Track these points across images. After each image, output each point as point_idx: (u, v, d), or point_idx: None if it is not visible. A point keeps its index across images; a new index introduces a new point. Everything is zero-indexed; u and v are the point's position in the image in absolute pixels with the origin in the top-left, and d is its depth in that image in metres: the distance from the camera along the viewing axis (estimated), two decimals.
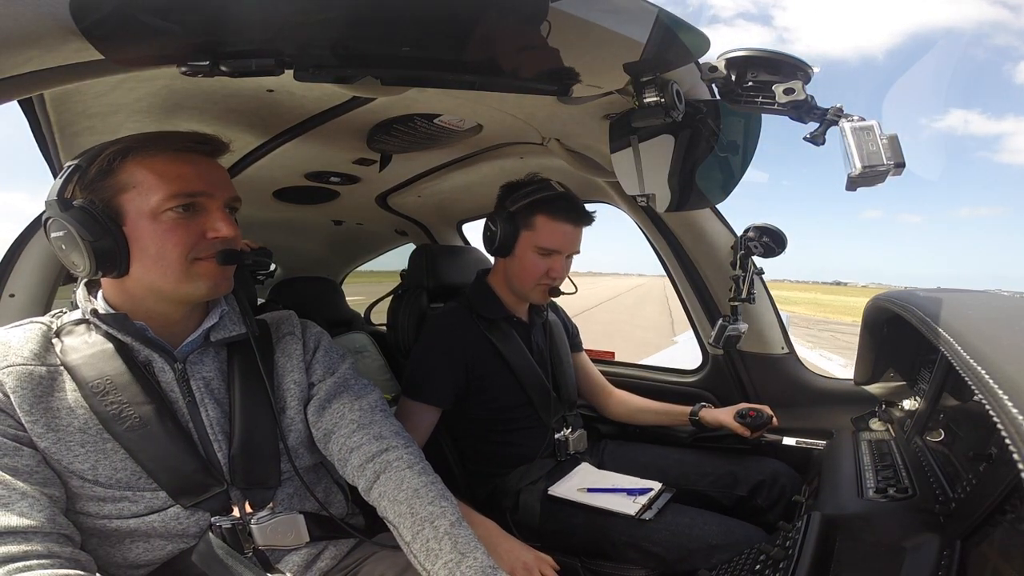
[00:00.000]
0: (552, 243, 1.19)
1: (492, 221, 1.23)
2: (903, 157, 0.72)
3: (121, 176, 0.70)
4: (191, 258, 0.73)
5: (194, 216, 0.73)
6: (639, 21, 0.67)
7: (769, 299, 1.51)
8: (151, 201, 0.70)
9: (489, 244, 1.25)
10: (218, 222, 0.74)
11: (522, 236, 1.20)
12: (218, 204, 0.75)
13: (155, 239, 0.71)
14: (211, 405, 0.77)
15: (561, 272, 1.24)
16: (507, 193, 1.24)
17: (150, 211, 0.70)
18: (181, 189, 0.71)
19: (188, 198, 0.72)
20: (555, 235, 1.19)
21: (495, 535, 0.97)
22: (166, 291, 0.74)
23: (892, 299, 1.03)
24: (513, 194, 1.22)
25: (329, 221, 2.05)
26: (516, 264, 1.23)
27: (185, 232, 0.72)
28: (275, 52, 0.62)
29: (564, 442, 1.31)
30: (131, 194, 0.70)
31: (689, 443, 1.48)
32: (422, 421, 1.18)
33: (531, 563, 0.91)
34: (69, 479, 0.67)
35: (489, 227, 1.24)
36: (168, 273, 0.72)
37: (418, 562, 0.69)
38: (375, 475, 0.77)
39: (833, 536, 0.76)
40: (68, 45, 0.58)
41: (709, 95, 0.93)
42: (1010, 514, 0.57)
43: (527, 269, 1.22)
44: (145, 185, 0.70)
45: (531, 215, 1.19)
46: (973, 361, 0.54)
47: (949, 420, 0.94)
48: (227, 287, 0.78)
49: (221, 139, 0.77)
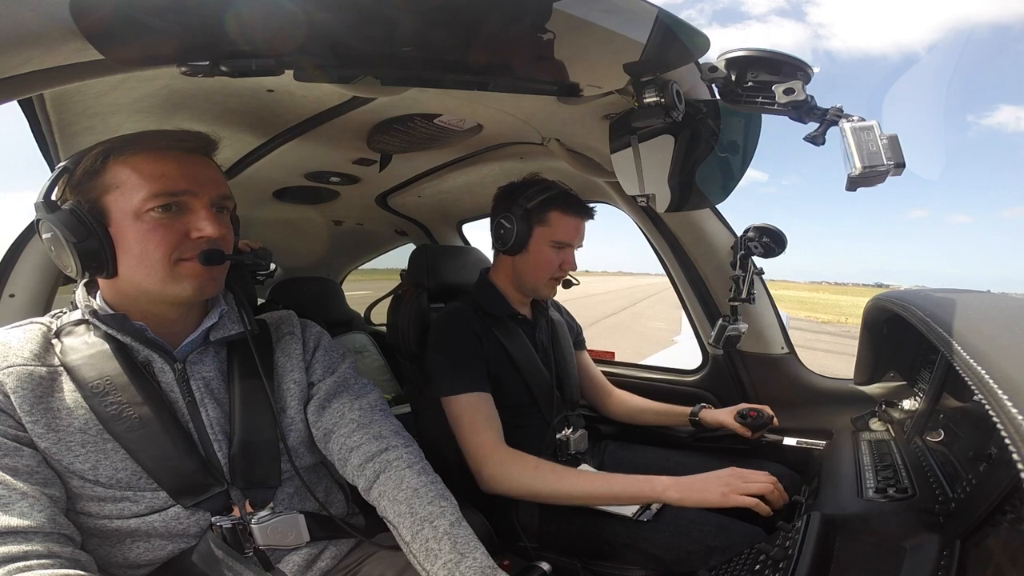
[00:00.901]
0: (566, 236, 1.24)
1: (505, 219, 1.23)
2: (903, 157, 0.72)
3: (105, 177, 0.70)
4: (175, 259, 0.72)
5: (178, 216, 0.72)
6: (639, 21, 0.67)
7: (769, 299, 1.52)
8: (134, 201, 0.69)
9: (503, 242, 1.25)
10: (202, 221, 0.72)
11: (536, 232, 1.23)
12: (203, 203, 0.73)
13: (138, 240, 0.70)
14: (211, 405, 0.77)
15: (573, 264, 1.28)
16: (515, 193, 1.25)
17: (133, 211, 0.70)
18: (163, 188, 0.70)
19: (170, 197, 0.71)
20: (568, 229, 1.24)
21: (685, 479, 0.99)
22: (153, 292, 0.73)
23: (892, 299, 1.03)
24: (525, 192, 1.23)
25: (329, 221, 2.05)
26: (530, 260, 1.25)
27: (168, 232, 0.71)
28: (275, 52, 0.62)
29: (565, 442, 1.31)
30: (115, 194, 0.70)
31: (689, 443, 1.48)
32: (482, 409, 1.12)
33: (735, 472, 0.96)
34: (69, 479, 0.67)
35: (503, 225, 1.24)
36: (152, 274, 0.72)
37: (417, 562, 0.69)
38: (375, 474, 0.77)
39: (833, 536, 0.76)
40: (68, 45, 0.58)
41: (709, 95, 0.93)
42: (1010, 514, 0.57)
43: (542, 264, 1.25)
44: (128, 185, 0.70)
45: (545, 211, 1.23)
46: (973, 361, 0.54)
47: (949, 420, 0.94)
48: (214, 288, 0.77)
49: (208, 136, 0.76)
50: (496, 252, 1.32)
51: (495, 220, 1.27)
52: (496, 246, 1.29)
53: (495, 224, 1.27)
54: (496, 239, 1.27)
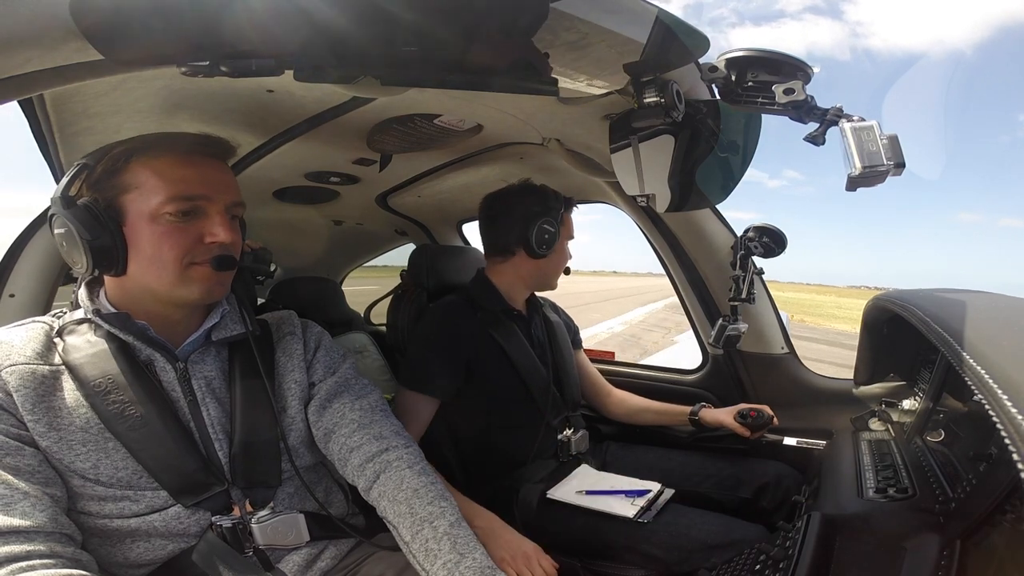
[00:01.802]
0: (573, 231, 1.38)
1: (548, 224, 1.26)
2: (903, 157, 0.73)
3: (125, 176, 0.71)
4: (187, 262, 0.73)
5: (193, 220, 0.73)
6: (639, 21, 0.67)
7: (769, 299, 1.52)
8: (151, 203, 0.70)
9: (547, 246, 1.27)
10: (216, 227, 0.74)
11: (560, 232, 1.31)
12: (219, 208, 0.75)
13: (152, 241, 0.71)
14: (212, 404, 0.77)
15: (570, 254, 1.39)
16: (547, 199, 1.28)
17: (149, 213, 0.70)
18: (181, 192, 0.71)
19: (188, 202, 0.72)
20: (572, 225, 1.37)
21: (496, 527, 0.97)
22: (160, 293, 0.74)
23: (892, 299, 1.03)
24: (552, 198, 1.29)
25: (329, 221, 2.05)
26: (555, 260, 1.32)
27: (182, 236, 0.72)
28: (275, 52, 0.62)
29: (566, 443, 1.31)
30: (133, 195, 0.71)
31: (689, 443, 1.48)
32: (420, 413, 1.18)
33: (530, 553, 0.92)
34: (70, 478, 0.67)
35: (547, 230, 1.26)
36: (163, 276, 0.72)
37: (417, 562, 0.69)
38: (375, 475, 0.77)
39: (833, 536, 0.76)
40: (68, 45, 0.57)
41: (709, 95, 0.93)
42: (1010, 514, 0.57)
43: (562, 261, 1.36)
44: (147, 187, 0.71)
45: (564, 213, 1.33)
46: (973, 361, 0.54)
47: (949, 420, 0.94)
48: (221, 292, 0.78)
49: (228, 142, 0.78)
50: (508, 255, 1.30)
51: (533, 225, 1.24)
52: (533, 250, 1.26)
53: (539, 228, 1.24)
54: (536, 243, 1.25)
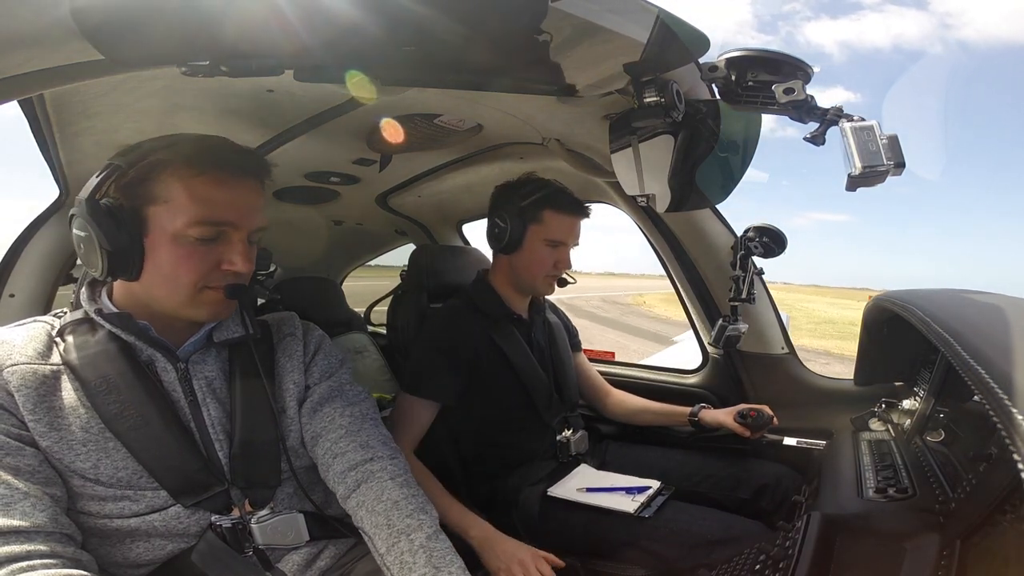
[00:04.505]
0: (560, 235, 1.25)
1: (500, 218, 1.24)
2: (903, 157, 0.73)
3: (156, 186, 0.70)
4: (201, 286, 0.73)
5: (214, 245, 0.73)
6: (639, 21, 0.67)
7: (769, 299, 1.52)
8: (176, 223, 0.69)
9: (497, 241, 1.26)
10: (236, 255, 0.73)
11: (530, 230, 1.24)
12: (241, 236, 0.74)
13: (170, 260, 0.71)
14: (213, 405, 0.77)
15: (568, 262, 1.29)
16: (509, 192, 1.25)
17: (173, 232, 0.70)
18: (208, 216, 0.70)
19: (213, 227, 0.71)
20: (562, 227, 1.25)
21: (492, 536, 0.97)
22: (168, 309, 0.74)
23: (892, 299, 1.03)
24: (520, 191, 1.24)
25: (329, 221, 2.05)
26: (525, 258, 1.26)
27: (201, 261, 0.72)
28: (275, 52, 0.62)
29: (566, 444, 1.31)
30: (160, 208, 0.70)
31: (689, 443, 1.48)
32: (419, 417, 1.18)
33: (527, 560, 0.92)
34: (70, 478, 0.67)
35: (497, 224, 1.25)
36: (175, 295, 0.73)
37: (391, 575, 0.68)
38: (356, 483, 0.77)
39: (833, 536, 0.76)
40: (68, 45, 0.58)
41: (709, 95, 0.93)
42: (1010, 514, 0.57)
43: (536, 262, 1.26)
44: (176, 203, 0.69)
45: (539, 210, 1.23)
46: (973, 361, 0.54)
47: (949, 420, 0.94)
48: (228, 314, 0.79)
49: (267, 161, 0.78)
50: (494, 252, 1.33)
51: (490, 219, 1.27)
52: (491, 245, 1.29)
53: (490, 223, 1.27)
54: (491, 238, 1.28)
